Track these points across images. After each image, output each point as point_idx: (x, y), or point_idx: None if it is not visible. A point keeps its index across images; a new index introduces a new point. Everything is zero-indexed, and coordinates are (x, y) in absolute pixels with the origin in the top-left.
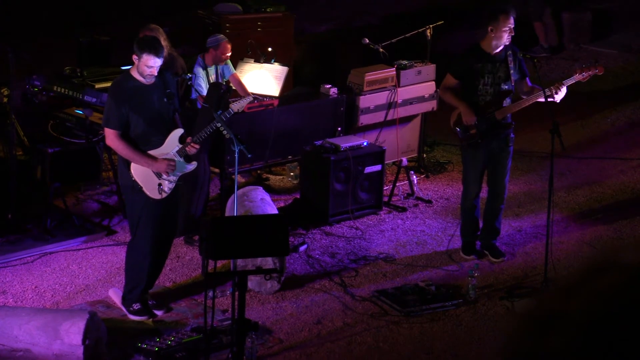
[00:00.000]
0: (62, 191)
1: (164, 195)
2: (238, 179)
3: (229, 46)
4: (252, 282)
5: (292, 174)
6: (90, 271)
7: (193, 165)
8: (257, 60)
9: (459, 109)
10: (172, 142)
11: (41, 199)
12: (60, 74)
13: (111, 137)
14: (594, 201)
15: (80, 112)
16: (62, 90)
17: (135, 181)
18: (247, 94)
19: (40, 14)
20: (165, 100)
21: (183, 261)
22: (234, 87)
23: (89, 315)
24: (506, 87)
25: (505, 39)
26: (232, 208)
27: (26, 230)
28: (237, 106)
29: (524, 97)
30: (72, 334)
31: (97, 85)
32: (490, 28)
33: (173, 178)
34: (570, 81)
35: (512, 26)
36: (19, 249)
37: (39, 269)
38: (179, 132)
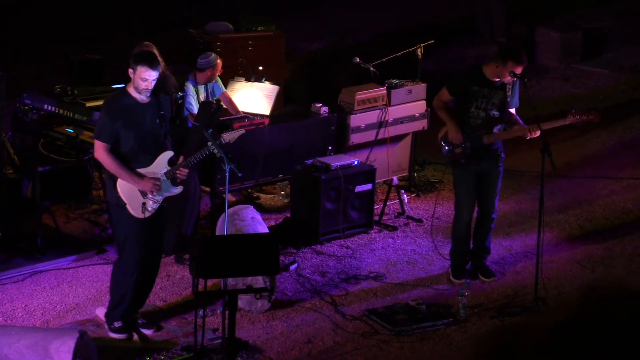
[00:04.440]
0: (53, 209)
1: (147, 214)
2: (229, 197)
3: (221, 63)
4: (243, 300)
5: (282, 192)
6: (81, 290)
7: (179, 188)
8: (248, 79)
9: (448, 125)
10: (161, 163)
11: (31, 217)
12: (51, 92)
13: (100, 150)
14: (584, 220)
15: (71, 131)
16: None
17: (120, 197)
18: (237, 112)
19: (31, 32)
20: (157, 121)
21: (173, 280)
22: (224, 106)
23: (79, 334)
24: (497, 114)
25: (507, 79)
26: (223, 227)
27: (16, 249)
28: (228, 137)
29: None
30: (62, 352)
31: (88, 104)
32: (497, 65)
33: (158, 198)
34: (551, 125)
35: (518, 73)
36: (9, 268)
37: (29, 288)
38: (169, 154)
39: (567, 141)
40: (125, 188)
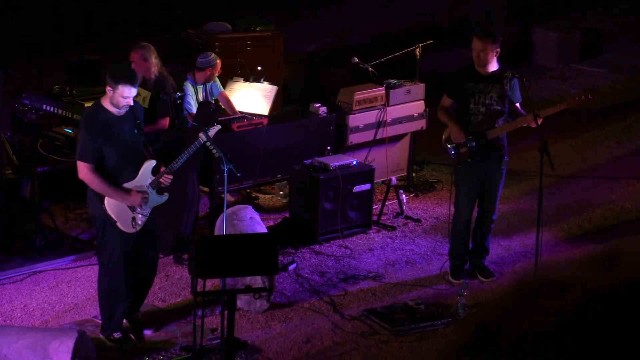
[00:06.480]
0: (51, 210)
1: (138, 228)
2: (227, 197)
3: (220, 63)
4: (242, 300)
5: (281, 192)
6: (79, 290)
7: (165, 197)
8: (246, 79)
9: (449, 126)
10: (145, 174)
11: (30, 217)
12: (49, 92)
13: (85, 170)
14: (583, 220)
15: (70, 131)
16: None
17: (109, 215)
18: (235, 112)
19: (30, 32)
20: (135, 131)
21: (172, 280)
22: (222, 106)
23: (77, 334)
24: (498, 107)
25: (484, 61)
26: (222, 227)
27: (15, 249)
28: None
29: (510, 119)
30: (61, 352)
31: (87, 104)
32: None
33: (147, 211)
34: (552, 110)
35: (481, 50)
36: (7, 268)
37: (28, 288)
38: (151, 163)
39: (565, 141)
40: (113, 205)
